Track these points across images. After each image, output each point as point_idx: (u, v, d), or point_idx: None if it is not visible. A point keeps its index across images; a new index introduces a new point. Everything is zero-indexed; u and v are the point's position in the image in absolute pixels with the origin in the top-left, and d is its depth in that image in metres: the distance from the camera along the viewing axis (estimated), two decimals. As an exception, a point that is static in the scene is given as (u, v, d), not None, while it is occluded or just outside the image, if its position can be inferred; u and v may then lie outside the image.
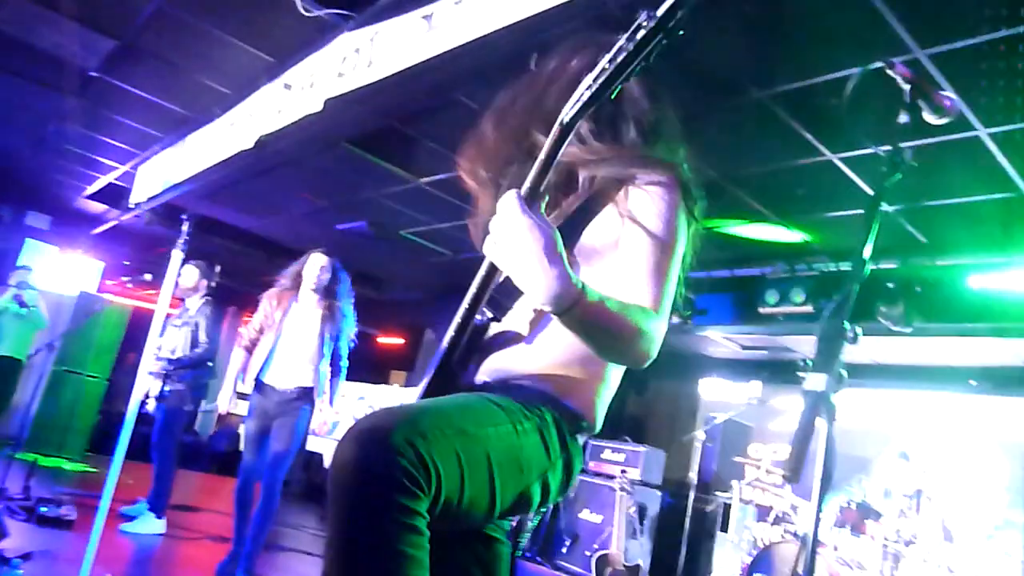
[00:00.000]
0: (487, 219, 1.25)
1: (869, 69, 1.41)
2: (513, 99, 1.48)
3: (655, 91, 1.47)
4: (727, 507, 6.42)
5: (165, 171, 6.00)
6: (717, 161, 4.49)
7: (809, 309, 5.54)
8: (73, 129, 6.47)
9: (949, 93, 1.46)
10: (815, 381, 1.16)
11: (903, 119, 1.45)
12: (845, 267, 5.47)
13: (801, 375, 1.18)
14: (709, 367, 8.72)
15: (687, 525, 6.37)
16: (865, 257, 1.28)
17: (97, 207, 8.74)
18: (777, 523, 6.06)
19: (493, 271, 1.25)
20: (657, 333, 1.22)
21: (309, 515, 7.90)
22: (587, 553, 6.16)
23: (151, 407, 5.17)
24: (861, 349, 6.70)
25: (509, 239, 1.14)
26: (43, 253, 9.09)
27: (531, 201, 1.15)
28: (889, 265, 5.19)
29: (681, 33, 1.04)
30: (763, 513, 6.22)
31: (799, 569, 4.74)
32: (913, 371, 7.05)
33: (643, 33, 1.02)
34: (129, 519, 5.00)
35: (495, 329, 1.42)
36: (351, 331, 4.51)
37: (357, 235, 7.38)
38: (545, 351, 1.35)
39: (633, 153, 1.39)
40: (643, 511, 6.51)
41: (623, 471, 6.58)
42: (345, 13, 3.61)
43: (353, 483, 1.05)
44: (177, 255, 3.55)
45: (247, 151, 4.56)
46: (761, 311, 5.86)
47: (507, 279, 1.24)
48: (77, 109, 6.00)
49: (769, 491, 6.34)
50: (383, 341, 11.59)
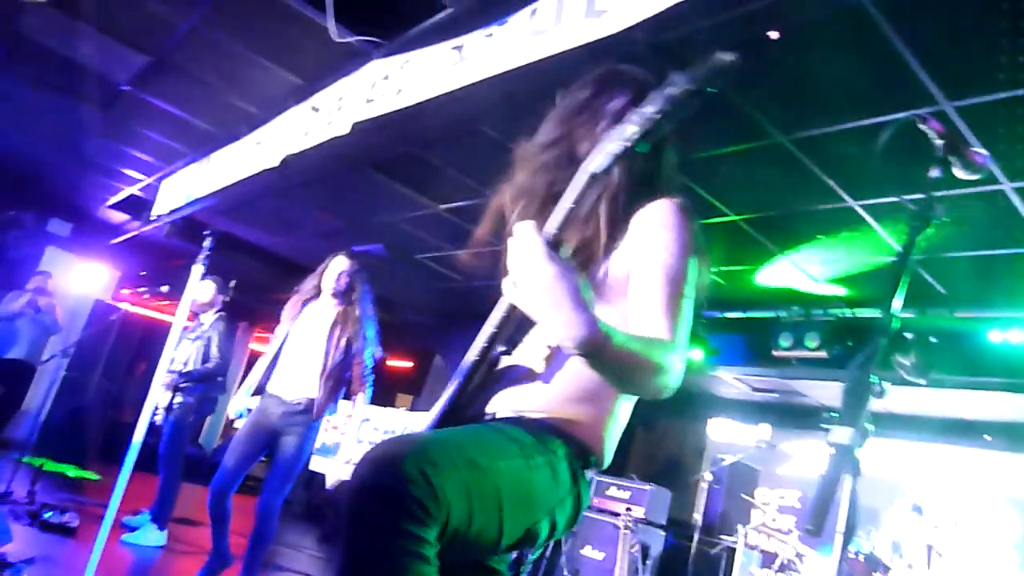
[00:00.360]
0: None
1: (902, 122, 1.42)
2: (541, 138, 1.50)
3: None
4: (731, 551, 6.33)
5: (188, 185, 6.07)
6: (736, 202, 4.50)
7: (823, 355, 5.51)
8: (100, 140, 6.58)
9: (980, 149, 1.46)
10: (840, 434, 1.16)
11: (934, 173, 1.45)
12: (862, 314, 5.45)
13: (826, 427, 1.17)
14: (718, 407, 8.65)
15: (690, 568, 6.27)
16: (894, 310, 1.28)
17: (118, 217, 8.85)
18: (782, 571, 5.94)
19: (513, 311, 1.25)
20: (675, 366, 1.24)
21: (308, 535, 7.85)
22: (588, 590, 6.07)
23: (159, 419, 5.17)
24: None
25: (537, 287, 1.14)
26: (62, 260, 9.18)
27: (555, 246, 1.17)
28: (905, 315, 5.14)
29: (713, 91, 1.06)
30: (768, 560, 6.11)
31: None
32: (926, 423, 6.97)
33: (678, 95, 1.04)
34: (131, 529, 4.98)
35: (507, 362, 1.44)
36: (373, 340, 4.09)
37: (373, 257, 7.42)
38: (556, 386, 1.37)
39: (644, 192, 1.40)
40: (646, 550, 6.42)
41: (628, 508, 6.50)
42: (376, 41, 3.67)
43: (364, 509, 1.07)
44: (197, 270, 3.58)
45: (271, 170, 4.61)
46: (774, 354, 5.82)
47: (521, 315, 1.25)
48: (105, 121, 6.11)
49: (775, 537, 6.24)
50: (392, 364, 11.59)
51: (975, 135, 3.28)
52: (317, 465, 7.76)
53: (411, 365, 11.30)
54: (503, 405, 1.40)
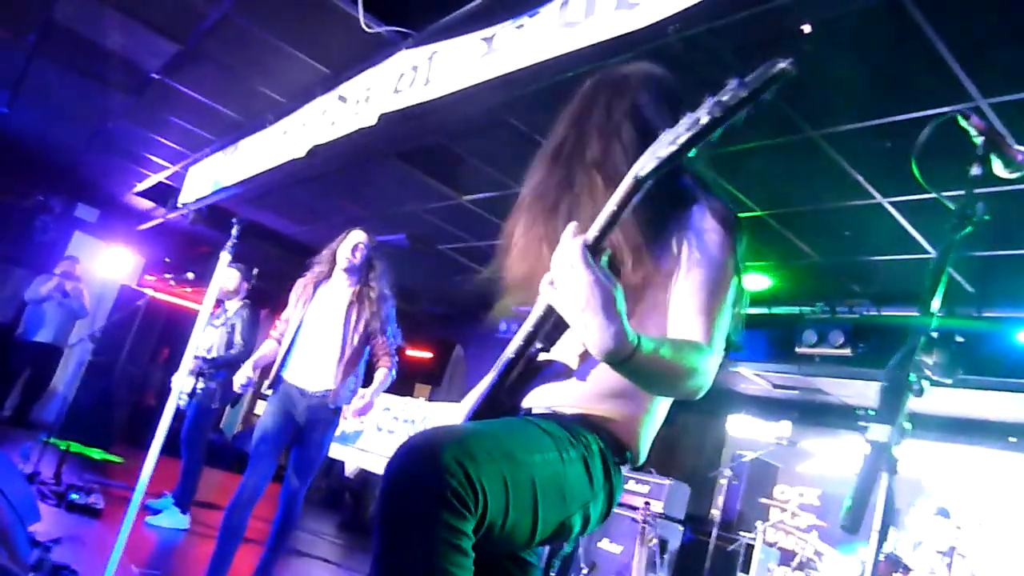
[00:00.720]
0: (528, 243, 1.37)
1: (944, 118, 1.39)
2: (562, 139, 1.49)
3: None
4: (750, 548, 6.30)
5: (214, 173, 6.12)
6: (764, 197, 4.46)
7: (847, 352, 5.46)
8: (128, 127, 6.65)
9: (1022, 147, 1.44)
10: (878, 432, 1.15)
11: (975, 171, 1.44)
12: (887, 311, 5.39)
13: (863, 425, 1.16)
14: (738, 403, 8.60)
15: (708, 563, 6.26)
16: (933, 310, 1.27)
17: (145, 204, 8.94)
18: (800, 568, 5.91)
19: (551, 312, 1.26)
20: (709, 368, 1.25)
21: (328, 522, 7.93)
22: (604, 583, 6.08)
23: (183, 403, 5.24)
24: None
25: (572, 291, 1.15)
26: (89, 245, 9.30)
27: (595, 252, 1.17)
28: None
29: (768, 99, 1.04)
30: (787, 557, 6.08)
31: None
32: (950, 423, 6.89)
33: (732, 101, 1.03)
34: (154, 512, 5.05)
35: (544, 358, 1.44)
36: (393, 319, 3.80)
37: (395, 247, 7.44)
38: (592, 382, 1.38)
39: (687, 195, 1.40)
40: (664, 545, 6.41)
41: (646, 503, 6.47)
42: (405, 31, 3.67)
43: (402, 500, 1.08)
44: (224, 257, 3.60)
45: (297, 159, 4.63)
46: (798, 351, 5.78)
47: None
48: (134, 108, 6.17)
49: (794, 535, 6.21)
50: (411, 354, 11.63)
51: (1010, 132, 3.22)
52: (336, 452, 7.82)
53: (430, 356, 11.35)
54: (539, 400, 1.41)
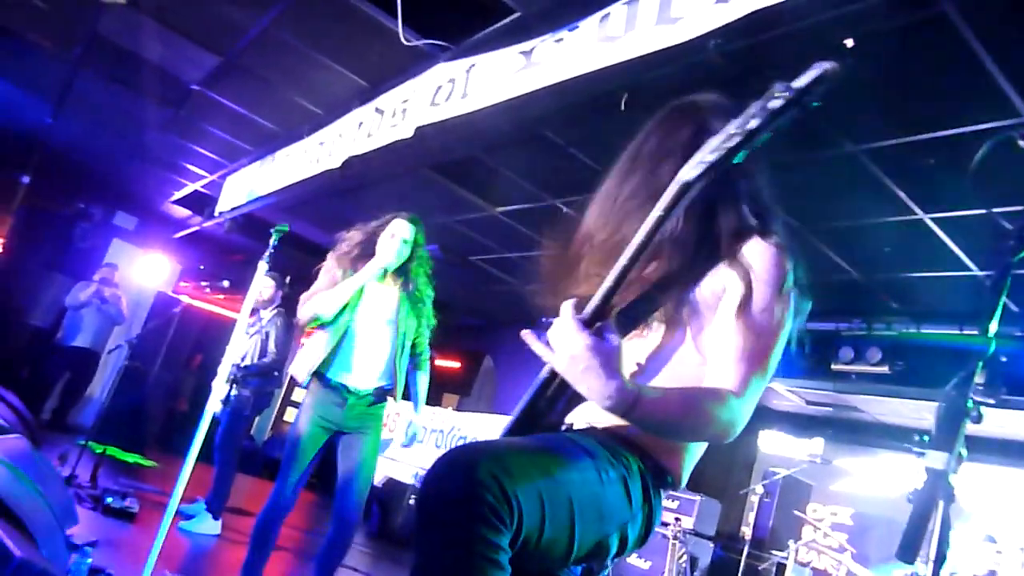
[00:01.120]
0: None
1: (1001, 137, 1.37)
2: (621, 181, 1.47)
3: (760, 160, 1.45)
4: (781, 567, 6.20)
5: (251, 183, 6.21)
6: (803, 212, 4.41)
7: (885, 370, 5.36)
8: (168, 137, 6.77)
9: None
10: (935, 459, 1.12)
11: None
12: (926, 329, 5.29)
13: (919, 451, 1.14)
14: (770, 419, 8.48)
15: (739, 582, 6.17)
16: (991, 334, 1.24)
17: (181, 212, 9.10)
18: (834, 589, 5.81)
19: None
20: (734, 415, 1.25)
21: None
22: (633, 600, 6.01)
23: (217, 410, 5.30)
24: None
25: (568, 358, 1.17)
26: (127, 252, 9.47)
27: (602, 310, 1.18)
28: (974, 331, 4.99)
29: (815, 105, 1.02)
30: (820, 577, 5.97)
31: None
32: (992, 444, 6.72)
33: (779, 104, 1.01)
34: (186, 518, 5.10)
35: None
36: (432, 320, 3.60)
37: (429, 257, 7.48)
38: None
39: (744, 228, 1.37)
40: (694, 562, 6.34)
41: (676, 519, 6.41)
42: (443, 44, 3.70)
43: (439, 515, 1.08)
44: (262, 267, 3.65)
45: (333, 170, 4.68)
46: (833, 367, 5.68)
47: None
48: (174, 119, 6.29)
49: (827, 555, 6.09)
50: (440, 363, 11.66)
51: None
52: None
53: (458, 365, 11.37)
54: (580, 417, 1.39)
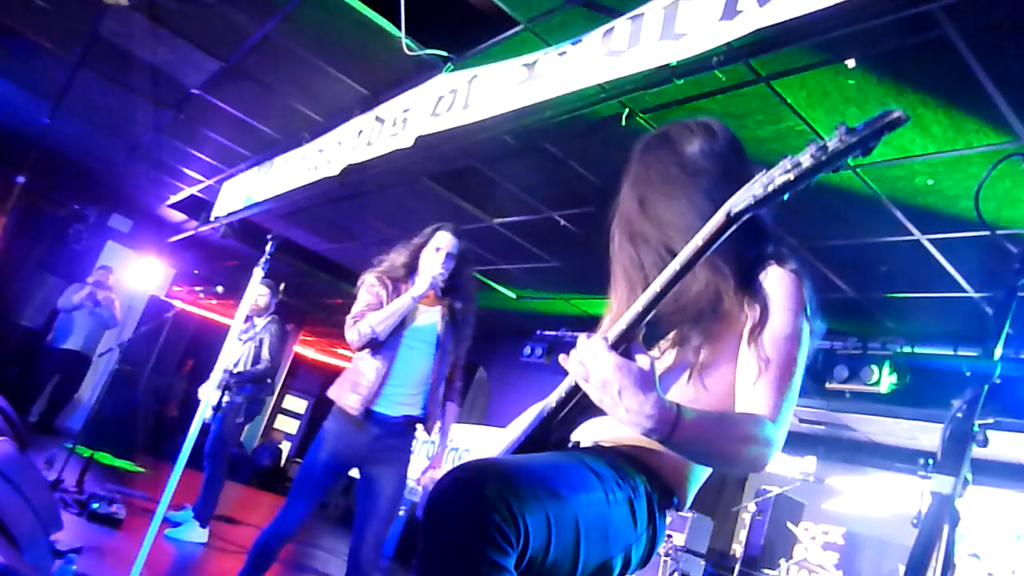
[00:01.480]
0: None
1: (1008, 158, 1.36)
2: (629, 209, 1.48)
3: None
4: (772, 585, 6.17)
5: (248, 189, 6.18)
6: (800, 230, 4.42)
7: (880, 390, 5.36)
8: (166, 141, 6.76)
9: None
10: (940, 483, 1.12)
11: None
12: (921, 350, 5.30)
13: (924, 474, 1.13)
14: (763, 436, 8.46)
15: (729, 600, 6.13)
16: (996, 357, 1.23)
17: (177, 216, 9.07)
18: (825, 609, 5.79)
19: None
20: (771, 441, 1.23)
21: (345, 541, 7.88)
22: (623, 616, 5.97)
23: (207, 417, 5.25)
24: (930, 437, 6.44)
25: (600, 382, 1.14)
26: (121, 255, 9.43)
27: (631, 332, 1.16)
28: (968, 352, 5.00)
29: (873, 148, 1.00)
30: (810, 597, 5.94)
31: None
32: (982, 465, 6.72)
33: (840, 147, 0.97)
34: (174, 525, 5.05)
35: None
36: (470, 339, 3.38)
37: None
38: None
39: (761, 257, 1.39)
40: (685, 579, 6.30)
41: (668, 535, 6.40)
42: (446, 55, 3.70)
43: (445, 533, 1.07)
44: (258, 273, 3.63)
45: (331, 178, 4.66)
46: (828, 386, 5.68)
47: None
48: (173, 122, 6.27)
49: (817, 574, 6.08)
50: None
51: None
52: (357, 473, 7.78)
53: (451, 376, 11.36)
54: (587, 435, 1.39)
